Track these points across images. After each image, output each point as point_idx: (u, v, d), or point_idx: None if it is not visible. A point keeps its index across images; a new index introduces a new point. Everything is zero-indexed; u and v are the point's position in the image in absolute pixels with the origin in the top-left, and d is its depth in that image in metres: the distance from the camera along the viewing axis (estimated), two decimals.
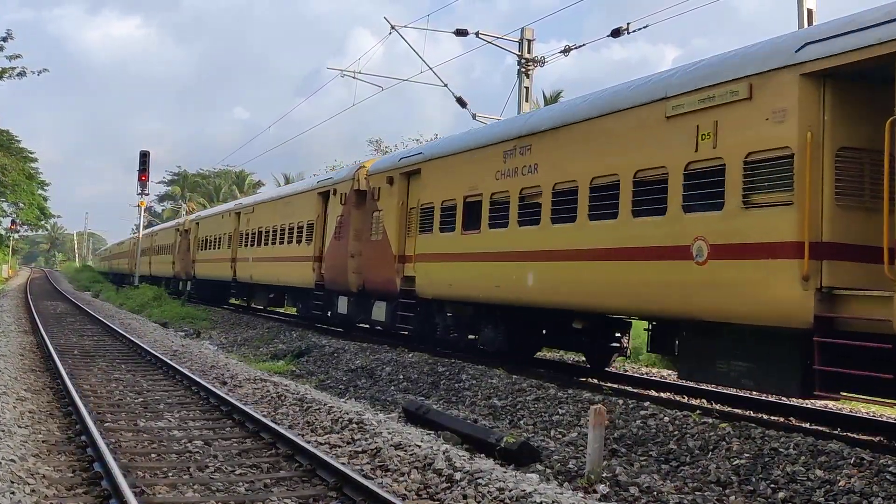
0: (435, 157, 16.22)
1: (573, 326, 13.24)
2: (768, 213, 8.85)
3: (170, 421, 9.92)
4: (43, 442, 8.40)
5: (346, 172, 21.20)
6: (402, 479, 7.33)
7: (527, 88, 22.66)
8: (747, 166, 9.08)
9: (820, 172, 8.44)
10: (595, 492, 7.31)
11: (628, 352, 14.52)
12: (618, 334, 13.82)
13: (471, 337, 15.50)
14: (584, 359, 15.82)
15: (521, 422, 10.57)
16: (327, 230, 21.14)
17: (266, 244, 26.76)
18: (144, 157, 44.99)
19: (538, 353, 16.26)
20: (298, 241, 23.42)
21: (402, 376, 14.10)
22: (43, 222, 71.16)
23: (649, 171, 10.46)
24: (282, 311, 29.02)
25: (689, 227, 9.74)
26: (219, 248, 32.72)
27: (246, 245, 29.03)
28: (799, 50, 8.80)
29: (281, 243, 25.17)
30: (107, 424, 9.44)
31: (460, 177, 14.94)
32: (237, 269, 29.58)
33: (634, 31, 19.22)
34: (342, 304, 20.25)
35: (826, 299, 8.30)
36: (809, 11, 15.14)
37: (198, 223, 37.72)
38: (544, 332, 14.59)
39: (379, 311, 18.10)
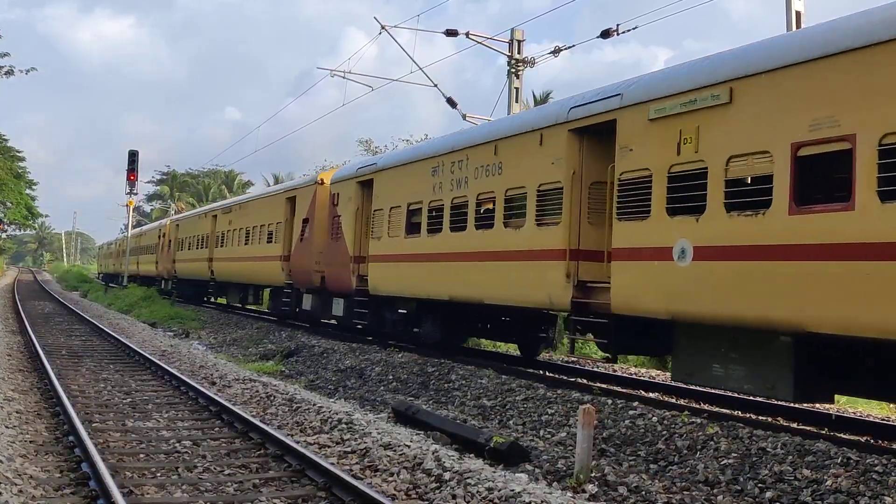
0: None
1: None
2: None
3: (158, 421, 9.88)
4: (30, 442, 8.35)
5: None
6: (391, 479, 7.33)
7: (517, 89, 22.68)
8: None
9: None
10: (584, 492, 7.32)
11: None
12: None
13: None
14: None
15: (511, 422, 10.59)
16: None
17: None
18: (133, 156, 44.87)
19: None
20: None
21: (391, 376, 14.11)
22: (31, 222, 70.78)
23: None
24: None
25: None
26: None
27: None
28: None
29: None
30: (95, 425, 9.40)
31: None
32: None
33: (624, 32, 19.30)
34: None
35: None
36: (798, 14, 15.26)
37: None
38: None
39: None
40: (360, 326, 19.02)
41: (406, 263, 16.22)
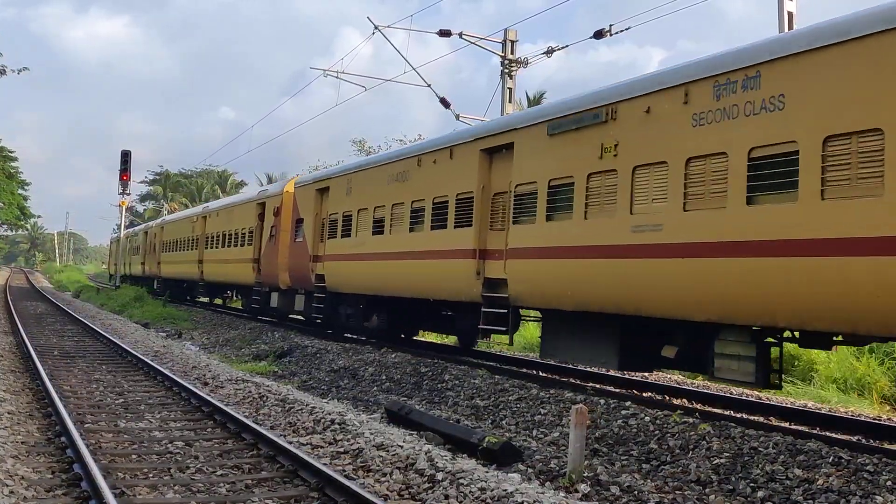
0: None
1: None
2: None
3: (150, 422, 9.86)
4: (22, 443, 8.32)
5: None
6: (384, 479, 7.33)
7: (510, 89, 22.72)
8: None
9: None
10: (576, 491, 7.34)
11: None
12: None
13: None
14: None
15: (504, 422, 10.60)
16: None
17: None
18: (126, 156, 44.79)
19: None
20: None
21: (384, 377, 14.10)
22: (23, 222, 70.54)
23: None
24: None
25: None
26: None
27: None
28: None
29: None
30: (87, 425, 9.38)
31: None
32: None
33: (617, 32, 19.34)
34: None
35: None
36: (790, 14, 15.38)
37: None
38: None
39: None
40: None
41: None
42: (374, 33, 23.25)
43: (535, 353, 17.60)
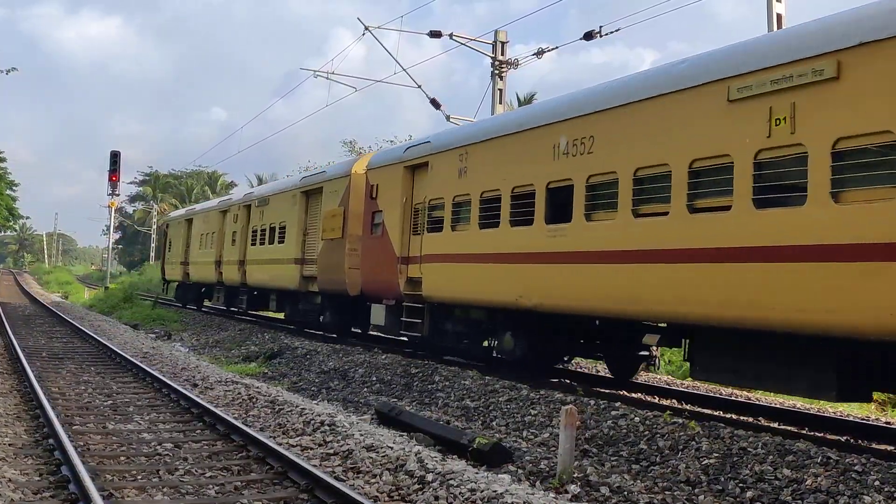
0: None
1: None
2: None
3: (139, 423, 9.82)
4: (9, 445, 8.27)
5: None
6: (373, 480, 7.32)
7: (500, 90, 22.74)
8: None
9: None
10: (566, 492, 7.35)
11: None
12: None
13: None
14: None
15: (494, 423, 10.60)
16: None
17: None
18: (115, 157, 44.66)
19: None
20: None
21: (374, 378, 14.09)
22: (11, 223, 70.04)
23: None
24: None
25: None
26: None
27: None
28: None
29: None
30: (75, 427, 9.32)
31: None
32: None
33: (608, 34, 19.37)
34: None
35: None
36: (779, 16, 15.47)
37: None
38: None
39: None
40: None
41: None
42: (364, 34, 23.25)
43: None
